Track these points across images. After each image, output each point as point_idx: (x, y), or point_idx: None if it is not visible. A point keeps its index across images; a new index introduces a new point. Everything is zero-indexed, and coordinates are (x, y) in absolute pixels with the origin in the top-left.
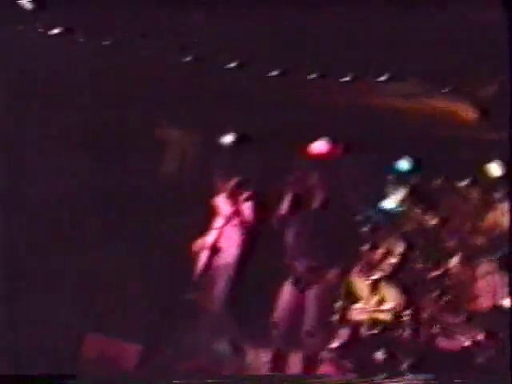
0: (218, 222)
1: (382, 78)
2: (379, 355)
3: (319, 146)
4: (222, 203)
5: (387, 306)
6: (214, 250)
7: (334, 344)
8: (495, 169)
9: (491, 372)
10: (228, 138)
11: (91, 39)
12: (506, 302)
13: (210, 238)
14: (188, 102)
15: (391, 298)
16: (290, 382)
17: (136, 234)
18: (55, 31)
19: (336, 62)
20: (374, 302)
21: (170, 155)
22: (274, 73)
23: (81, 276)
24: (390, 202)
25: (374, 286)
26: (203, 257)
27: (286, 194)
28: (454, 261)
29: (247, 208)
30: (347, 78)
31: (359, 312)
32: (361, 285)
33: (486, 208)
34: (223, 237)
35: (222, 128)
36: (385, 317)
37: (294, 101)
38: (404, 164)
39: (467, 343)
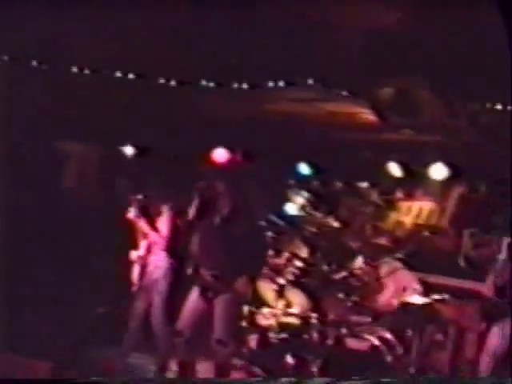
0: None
1: (279, 85)
2: (289, 359)
3: (219, 155)
4: (136, 218)
5: (294, 309)
6: (143, 265)
7: (244, 350)
8: (395, 169)
9: (400, 370)
10: (129, 150)
11: None
12: (414, 300)
13: (137, 253)
14: (86, 115)
15: (298, 301)
16: None
17: (42, 249)
18: None
19: (232, 71)
20: (280, 306)
21: (71, 169)
22: (172, 83)
23: None
24: (292, 207)
25: (280, 291)
26: (134, 271)
27: (191, 203)
28: (358, 262)
29: (162, 223)
30: (244, 86)
31: (267, 317)
32: (267, 290)
33: (388, 208)
34: (149, 253)
35: (122, 140)
36: (292, 321)
37: (193, 110)
38: (304, 168)
39: (375, 342)
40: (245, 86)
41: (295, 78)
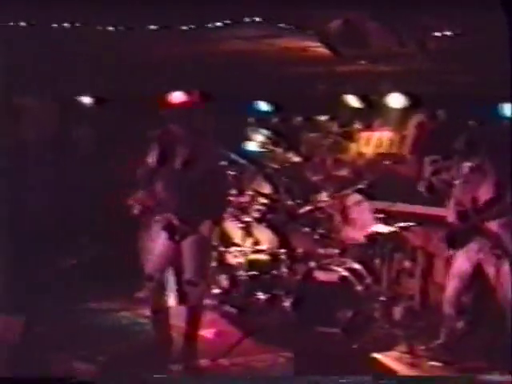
0: None
1: (226, 23)
2: (260, 296)
3: (176, 97)
4: None
5: (262, 246)
6: None
7: (216, 290)
8: (352, 100)
9: (371, 299)
10: (86, 100)
11: None
12: (379, 229)
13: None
14: (41, 68)
15: (265, 238)
16: None
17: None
18: None
19: (177, 12)
20: (248, 244)
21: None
22: (120, 28)
23: None
24: (253, 145)
25: (247, 229)
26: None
27: (151, 149)
28: (322, 195)
29: None
30: (191, 27)
31: (236, 255)
32: (234, 229)
33: (348, 140)
34: None
35: (78, 91)
36: (261, 257)
37: (142, 55)
38: (263, 105)
39: (345, 274)
40: (191, 26)
41: (242, 16)
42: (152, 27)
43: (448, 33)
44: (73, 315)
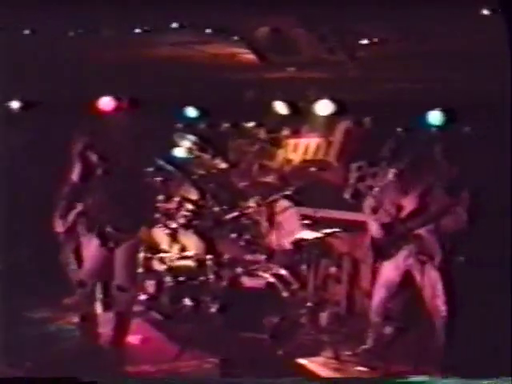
0: None
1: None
2: (187, 302)
3: (105, 103)
4: None
5: (189, 252)
6: None
7: (142, 297)
8: (280, 107)
9: (297, 305)
10: (15, 105)
11: None
12: (306, 235)
13: None
14: None
15: (192, 244)
16: None
17: None
18: None
19: (105, 17)
20: (175, 250)
21: None
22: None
23: None
24: (180, 151)
25: (174, 235)
26: None
27: (76, 161)
28: (248, 202)
29: None
30: (119, 32)
31: (162, 262)
32: (161, 235)
33: (275, 146)
34: None
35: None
36: (188, 263)
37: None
38: (191, 112)
39: (270, 279)
40: (119, 31)
41: (169, 21)
42: (79, 31)
43: (376, 39)
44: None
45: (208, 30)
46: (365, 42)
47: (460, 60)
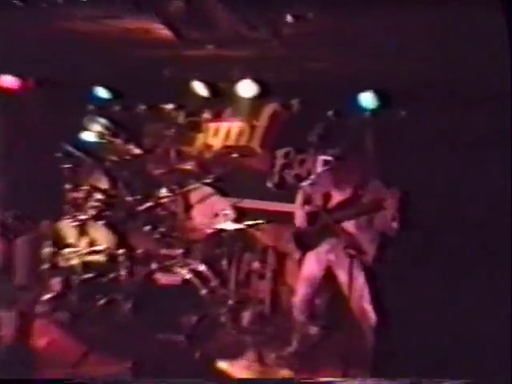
0: None
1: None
2: (97, 301)
3: (9, 82)
4: None
5: (99, 247)
6: None
7: (47, 296)
8: (200, 88)
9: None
10: None
11: None
12: (226, 226)
13: None
14: None
15: (102, 238)
16: None
17: None
18: None
19: None
20: (84, 244)
21: None
22: None
23: None
24: (90, 135)
25: (82, 228)
26: None
27: None
28: (164, 191)
29: None
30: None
31: (70, 257)
32: (68, 228)
33: (194, 131)
34: None
35: None
36: (98, 259)
37: None
38: (102, 92)
39: (188, 276)
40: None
41: None
42: None
43: (304, 16)
44: None
45: (118, 3)
46: (289, 17)
47: (395, 36)
